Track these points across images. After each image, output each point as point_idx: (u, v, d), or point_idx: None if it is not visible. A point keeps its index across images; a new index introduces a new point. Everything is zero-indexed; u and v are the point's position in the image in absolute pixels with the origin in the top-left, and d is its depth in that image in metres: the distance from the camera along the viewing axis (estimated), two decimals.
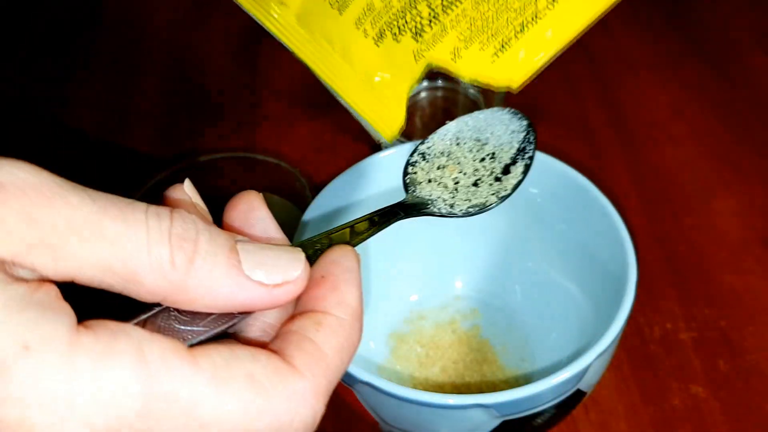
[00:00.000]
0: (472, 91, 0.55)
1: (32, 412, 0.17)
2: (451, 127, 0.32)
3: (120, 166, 0.57)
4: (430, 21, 0.28)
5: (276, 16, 0.30)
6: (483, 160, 0.31)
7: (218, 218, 0.25)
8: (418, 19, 0.28)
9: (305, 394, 0.20)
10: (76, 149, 0.59)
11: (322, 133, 0.60)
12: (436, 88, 0.55)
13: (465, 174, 0.30)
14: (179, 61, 0.67)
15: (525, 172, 0.31)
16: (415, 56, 0.28)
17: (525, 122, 0.32)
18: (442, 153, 0.31)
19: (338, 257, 0.23)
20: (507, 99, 0.55)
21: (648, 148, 0.57)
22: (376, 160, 0.42)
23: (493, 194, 0.30)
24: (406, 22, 0.28)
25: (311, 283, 0.22)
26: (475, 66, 0.28)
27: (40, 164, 0.57)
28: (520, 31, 0.28)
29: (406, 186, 0.31)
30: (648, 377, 0.44)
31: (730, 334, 0.46)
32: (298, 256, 0.22)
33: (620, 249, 0.36)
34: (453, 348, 0.43)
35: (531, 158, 0.31)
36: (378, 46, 0.29)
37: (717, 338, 0.45)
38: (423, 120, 0.56)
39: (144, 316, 0.20)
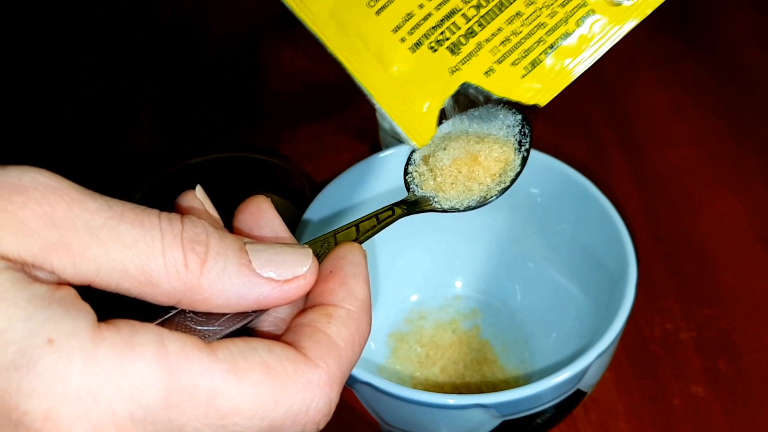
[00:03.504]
0: (471, 90, 0.55)
1: (58, 404, 0.17)
2: (447, 125, 0.32)
3: (120, 167, 0.58)
4: (467, 35, 0.29)
5: (309, 5, 0.30)
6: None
7: (223, 217, 0.25)
8: (455, 31, 0.29)
9: (320, 383, 0.21)
10: (76, 150, 0.59)
11: (322, 133, 0.60)
12: None
13: (464, 169, 0.31)
14: (179, 61, 0.67)
15: (523, 165, 0.31)
16: (450, 71, 0.29)
17: (519, 116, 0.33)
18: (440, 150, 0.31)
19: (345, 253, 0.24)
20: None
21: (648, 148, 0.57)
22: (376, 160, 0.42)
23: (493, 187, 0.31)
24: (444, 34, 0.29)
25: (320, 278, 0.23)
26: (506, 83, 0.29)
27: (39, 165, 0.57)
28: (551, 48, 0.29)
29: (407, 184, 0.31)
30: (648, 377, 0.44)
31: (730, 334, 0.46)
32: (306, 252, 0.22)
33: (620, 249, 0.36)
34: (453, 348, 0.43)
35: (528, 150, 0.31)
36: (414, 54, 0.29)
37: (717, 338, 0.45)
38: None
39: (160, 319, 0.21)
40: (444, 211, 0.30)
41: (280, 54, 0.67)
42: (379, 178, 0.42)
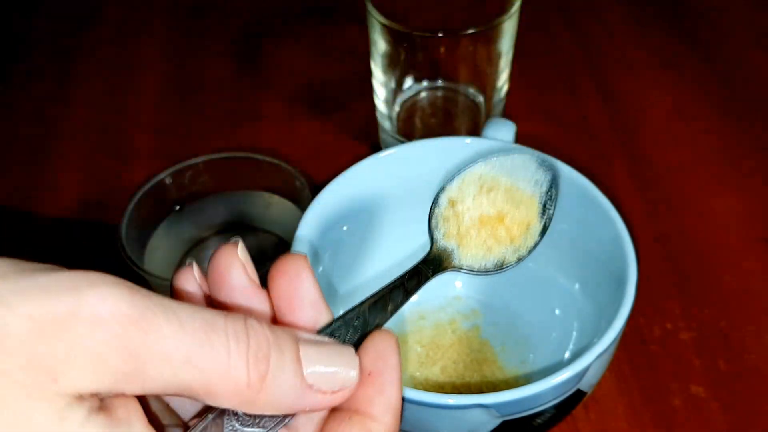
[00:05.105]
0: (471, 90, 0.55)
1: None
2: (480, 166, 0.33)
3: (120, 166, 0.58)
4: None
5: None
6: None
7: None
8: None
9: None
10: (76, 149, 0.59)
11: (322, 133, 0.60)
12: (436, 88, 0.55)
13: (488, 227, 0.31)
14: (179, 61, 0.67)
15: (543, 233, 0.32)
16: None
17: (549, 175, 0.33)
18: (469, 197, 0.32)
19: (383, 351, 0.25)
20: (507, 99, 0.55)
21: (648, 148, 0.57)
22: (376, 160, 0.42)
23: (510, 252, 0.32)
24: None
25: (360, 379, 0.24)
26: None
27: (40, 166, 0.57)
28: None
29: (431, 230, 0.32)
30: (648, 377, 0.44)
31: (730, 334, 0.46)
32: (354, 362, 0.23)
33: (620, 249, 0.36)
34: (453, 348, 0.43)
35: (551, 217, 0.32)
36: None
37: (717, 338, 0.45)
38: (423, 120, 0.56)
39: (211, 416, 0.22)
40: (461, 270, 0.31)
41: (280, 54, 0.67)
42: (379, 178, 0.42)
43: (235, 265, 0.24)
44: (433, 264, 0.31)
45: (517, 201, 0.32)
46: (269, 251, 0.49)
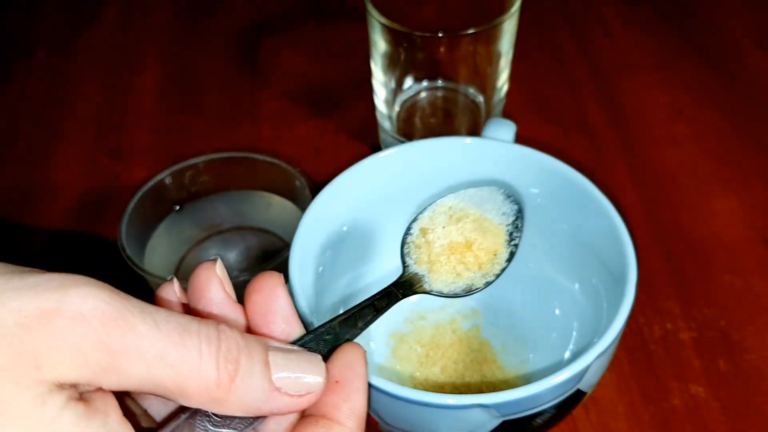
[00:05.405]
0: (471, 90, 0.55)
1: None
2: (451, 198, 0.34)
3: (120, 167, 0.58)
4: None
5: None
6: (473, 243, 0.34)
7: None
8: None
9: None
10: (76, 149, 0.59)
11: (322, 133, 0.60)
12: (436, 88, 0.55)
13: (457, 255, 0.33)
14: (179, 61, 0.67)
15: (510, 260, 0.33)
16: None
17: (516, 207, 0.35)
18: (440, 227, 0.34)
19: (351, 362, 0.26)
20: (507, 99, 0.55)
21: (648, 148, 0.57)
22: (376, 160, 0.42)
23: (479, 277, 0.33)
24: None
25: (327, 386, 0.25)
26: None
27: (40, 166, 0.57)
28: None
29: (403, 256, 0.33)
30: (648, 377, 0.44)
31: (730, 334, 0.46)
32: (320, 369, 0.25)
33: (620, 249, 0.36)
34: (453, 348, 0.43)
35: (516, 245, 0.34)
36: None
37: (717, 338, 0.45)
38: (423, 120, 0.56)
39: (183, 416, 0.23)
40: (430, 293, 0.32)
41: (280, 54, 0.67)
42: (379, 178, 0.42)
43: (213, 281, 0.26)
44: (403, 287, 0.32)
45: (484, 230, 0.33)
46: (269, 251, 0.49)
